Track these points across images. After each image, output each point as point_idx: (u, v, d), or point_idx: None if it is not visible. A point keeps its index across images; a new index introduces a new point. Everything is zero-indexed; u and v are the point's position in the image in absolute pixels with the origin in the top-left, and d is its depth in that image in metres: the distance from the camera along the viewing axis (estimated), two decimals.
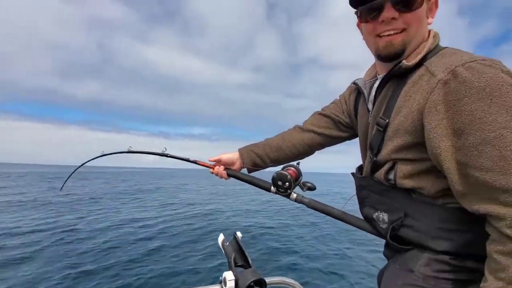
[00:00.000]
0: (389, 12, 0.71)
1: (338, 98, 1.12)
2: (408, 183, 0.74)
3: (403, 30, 0.72)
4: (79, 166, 1.31)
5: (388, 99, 0.77)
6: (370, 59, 0.89)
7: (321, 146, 1.15)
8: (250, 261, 0.82)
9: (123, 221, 8.31)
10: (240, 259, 0.84)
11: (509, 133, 0.54)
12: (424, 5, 0.72)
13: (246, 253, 0.83)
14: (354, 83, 0.98)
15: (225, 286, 0.77)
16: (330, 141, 1.14)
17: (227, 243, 0.88)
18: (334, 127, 1.11)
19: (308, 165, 1.27)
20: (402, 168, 0.74)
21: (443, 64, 0.64)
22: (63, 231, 6.95)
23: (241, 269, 0.81)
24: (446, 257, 0.70)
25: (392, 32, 0.73)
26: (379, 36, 0.75)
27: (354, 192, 0.94)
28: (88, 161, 1.29)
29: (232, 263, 0.81)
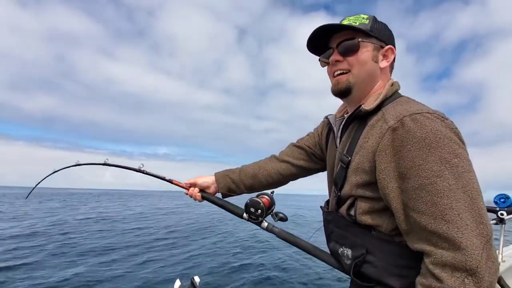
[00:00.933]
0: (335, 56, 0.84)
1: (313, 131, 1.17)
2: (367, 220, 0.77)
3: (349, 71, 0.83)
4: (48, 175, 1.26)
5: (351, 138, 0.83)
6: (329, 86, 0.95)
7: (294, 176, 1.20)
8: None
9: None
10: None
11: (441, 181, 0.60)
12: (367, 51, 0.81)
13: None
14: (326, 118, 1.03)
15: None
16: (304, 172, 1.18)
17: None
18: (308, 159, 1.15)
19: (281, 188, 1.27)
20: (362, 205, 0.78)
21: (395, 112, 0.71)
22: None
23: None
24: None
25: (339, 72, 0.84)
26: (333, 76, 0.86)
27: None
28: (62, 169, 1.25)
29: None
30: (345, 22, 0.82)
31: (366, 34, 0.81)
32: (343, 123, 0.90)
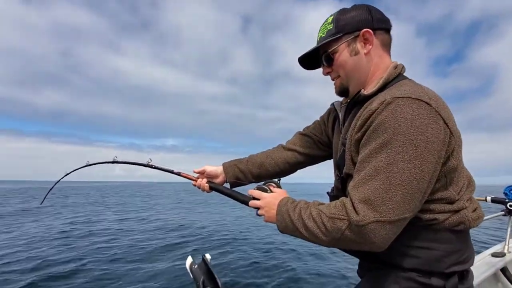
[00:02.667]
0: (324, 69, 0.93)
1: (319, 119, 1.19)
2: None
3: (338, 76, 0.90)
4: (63, 177, 1.29)
5: (351, 122, 0.86)
6: None
7: (302, 164, 1.21)
8: (220, 284, 0.80)
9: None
10: (209, 282, 0.81)
11: (375, 161, 0.68)
12: (342, 51, 0.86)
13: (216, 276, 0.81)
14: (332, 104, 1.06)
15: None
16: (311, 160, 1.20)
17: (195, 266, 0.86)
18: (315, 147, 1.17)
19: (290, 177, 1.28)
20: None
21: (385, 95, 0.73)
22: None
23: None
24: (414, 274, 0.74)
25: (333, 80, 0.93)
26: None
27: None
28: (73, 171, 1.28)
29: (201, 286, 0.79)
30: (319, 35, 0.90)
31: (336, 39, 0.85)
32: (344, 108, 0.95)
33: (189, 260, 0.89)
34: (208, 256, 0.87)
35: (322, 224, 0.72)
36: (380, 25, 0.84)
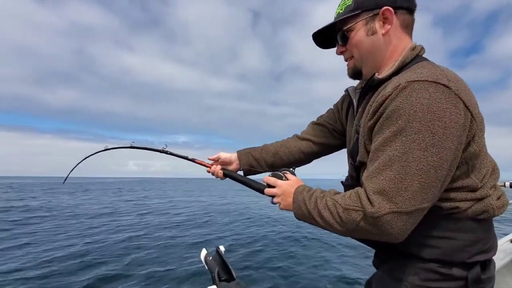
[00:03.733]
0: (338, 48, 0.89)
1: (332, 107, 1.15)
2: None
3: (352, 56, 0.86)
4: (82, 160, 1.33)
5: (365, 108, 0.82)
6: (345, 68, 0.93)
7: (317, 154, 1.19)
8: (234, 275, 0.81)
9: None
10: (223, 273, 0.82)
11: (389, 150, 0.65)
12: (359, 30, 0.81)
13: (230, 267, 0.82)
14: (346, 90, 1.01)
15: None
16: (326, 149, 1.18)
17: (210, 258, 0.87)
18: (329, 136, 1.14)
19: (303, 172, 1.24)
20: None
21: (399, 79, 0.69)
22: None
23: (225, 283, 0.80)
24: (434, 265, 0.71)
25: (346, 61, 0.89)
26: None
27: None
28: (91, 155, 1.32)
29: (216, 278, 0.80)
30: (337, 11, 0.85)
31: (353, 15, 0.80)
32: (359, 94, 0.90)
33: (204, 252, 0.90)
34: (222, 248, 0.88)
35: (337, 215, 0.71)
36: (403, 3, 0.78)
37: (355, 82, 1.00)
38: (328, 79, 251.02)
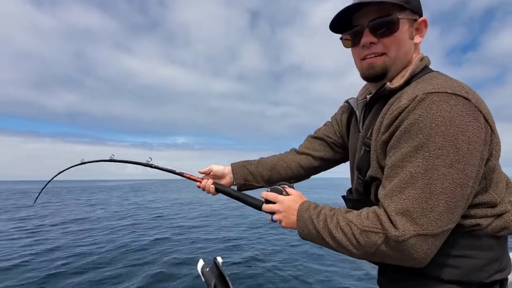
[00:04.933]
0: (367, 37, 0.73)
1: (330, 120, 1.10)
2: None
3: (383, 53, 0.74)
4: (55, 176, 1.23)
5: (375, 119, 0.77)
6: (349, 66, 0.90)
7: (316, 169, 1.13)
8: (232, 287, 0.79)
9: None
10: (220, 285, 0.80)
11: (410, 166, 0.61)
12: (405, 28, 0.72)
13: (228, 279, 0.80)
14: (347, 101, 0.95)
15: None
16: (326, 164, 1.12)
17: (207, 269, 0.85)
18: (329, 149, 1.08)
19: None
20: None
21: (414, 90, 0.65)
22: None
23: None
24: (451, 287, 0.67)
25: (373, 56, 0.75)
26: (363, 59, 0.77)
27: None
28: (66, 169, 1.21)
29: None
30: None
31: (401, 7, 0.71)
32: (365, 104, 0.85)
33: (201, 263, 0.88)
34: (219, 259, 0.86)
35: (353, 237, 0.65)
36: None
37: (353, 90, 0.95)
38: (328, 79, 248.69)
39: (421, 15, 0.74)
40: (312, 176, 1.16)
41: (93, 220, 11.55)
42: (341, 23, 0.78)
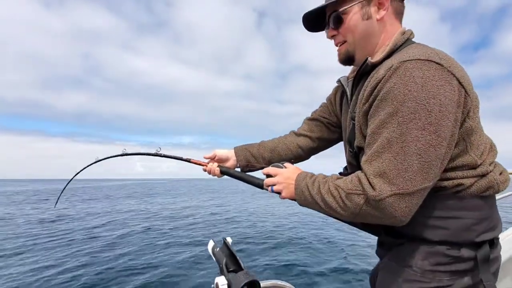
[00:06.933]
0: (329, 31, 0.87)
1: (325, 101, 1.15)
2: None
3: (345, 41, 0.84)
4: (74, 176, 1.27)
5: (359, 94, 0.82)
6: None
7: (315, 150, 1.19)
8: (242, 265, 0.81)
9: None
10: (231, 264, 0.82)
11: (386, 132, 0.65)
12: (355, 13, 0.80)
13: (238, 257, 0.82)
14: (338, 80, 1.00)
15: None
16: (324, 144, 1.17)
17: (217, 249, 0.87)
18: (325, 130, 1.14)
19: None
20: None
21: (391, 60, 0.69)
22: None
23: (233, 273, 0.79)
24: (443, 248, 0.71)
25: (338, 45, 0.87)
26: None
27: None
28: (83, 169, 1.25)
29: (224, 268, 0.80)
30: None
31: None
32: (351, 82, 0.90)
33: (211, 243, 0.90)
34: (229, 239, 0.88)
35: (341, 199, 0.71)
36: None
37: (347, 71, 0.99)
38: (334, 77, 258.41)
39: None
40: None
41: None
42: (320, 23, 0.89)
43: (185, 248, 6.43)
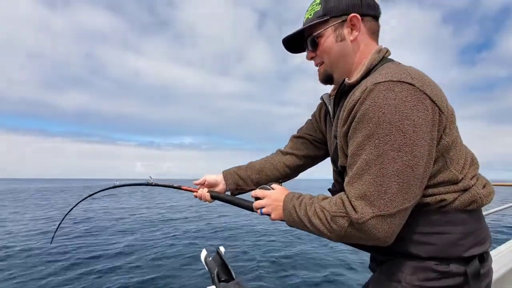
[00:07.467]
0: (308, 53, 0.90)
1: (311, 118, 1.16)
2: None
3: (322, 62, 0.88)
4: (69, 211, 1.28)
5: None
6: None
7: (302, 167, 1.19)
8: (234, 275, 0.83)
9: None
10: (223, 273, 0.84)
11: (364, 154, 0.67)
12: (329, 36, 0.83)
13: (230, 267, 0.84)
14: (321, 97, 1.00)
15: None
16: (310, 161, 1.18)
17: (210, 258, 0.88)
18: (311, 147, 1.15)
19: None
20: None
21: (366, 82, 0.70)
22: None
23: (224, 283, 0.81)
24: (431, 263, 0.71)
25: (317, 66, 0.90)
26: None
27: None
28: (78, 203, 1.25)
29: (215, 278, 0.82)
30: (306, 16, 0.87)
31: (323, 21, 0.82)
32: (333, 101, 0.91)
33: (204, 252, 0.92)
34: (222, 248, 0.90)
35: (327, 222, 0.72)
36: (369, 11, 0.81)
37: (329, 89, 1.01)
38: None
39: (350, 13, 0.80)
40: (296, 179, 1.24)
41: None
42: (299, 45, 0.93)
43: (183, 251, 6.42)
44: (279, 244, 7.02)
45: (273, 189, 0.93)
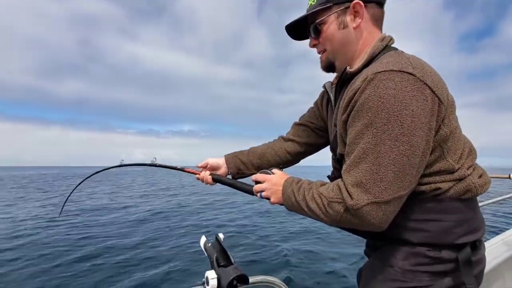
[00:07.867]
0: (311, 41, 0.91)
1: (313, 105, 1.17)
2: None
3: (325, 50, 0.88)
4: (75, 187, 1.29)
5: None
6: None
7: (303, 154, 1.21)
8: (233, 260, 0.84)
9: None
10: (222, 259, 0.85)
11: (362, 143, 0.68)
12: (332, 23, 0.82)
13: (229, 253, 0.85)
14: (323, 86, 1.02)
15: (208, 285, 0.78)
16: (311, 148, 1.20)
17: (209, 244, 0.90)
18: (312, 135, 1.16)
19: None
20: None
21: (368, 71, 0.71)
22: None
23: (223, 268, 0.82)
24: (423, 249, 0.73)
25: (320, 53, 0.91)
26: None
27: None
28: (82, 182, 1.26)
29: (215, 263, 0.83)
30: (309, 3, 0.86)
31: (326, 8, 0.81)
32: (335, 89, 0.92)
33: (203, 239, 0.93)
34: (221, 235, 0.91)
35: (323, 207, 0.74)
36: None
37: (332, 76, 1.01)
38: None
39: (353, 0, 0.79)
40: (296, 165, 1.26)
41: None
42: (302, 32, 0.92)
43: (183, 238, 6.52)
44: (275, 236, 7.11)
45: (273, 173, 0.95)
